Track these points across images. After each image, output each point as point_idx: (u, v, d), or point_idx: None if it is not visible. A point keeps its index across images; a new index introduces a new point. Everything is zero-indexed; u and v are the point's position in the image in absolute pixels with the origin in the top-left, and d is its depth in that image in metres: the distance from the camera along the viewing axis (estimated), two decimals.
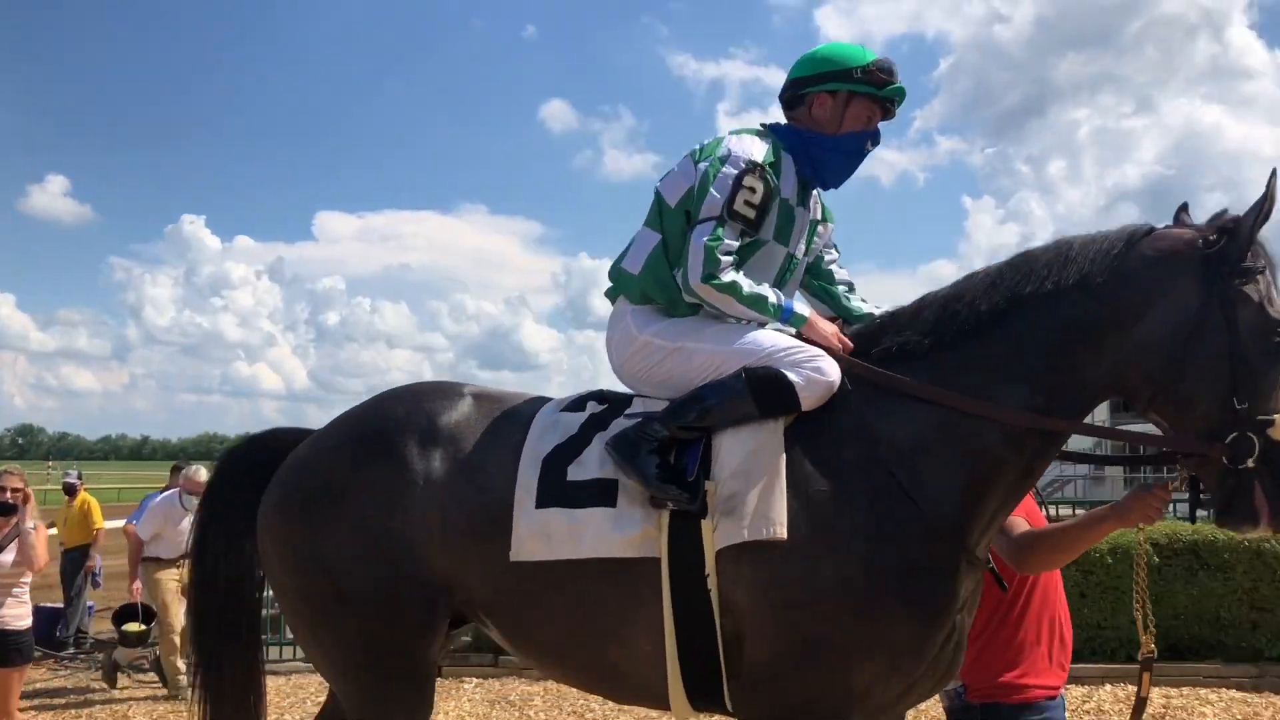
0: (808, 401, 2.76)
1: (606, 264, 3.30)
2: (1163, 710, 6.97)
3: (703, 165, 2.96)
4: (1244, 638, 7.98)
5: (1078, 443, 3.55)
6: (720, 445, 2.77)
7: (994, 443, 2.73)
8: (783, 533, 2.63)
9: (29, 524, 5.84)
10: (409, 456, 2.96)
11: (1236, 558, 7.96)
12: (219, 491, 3.42)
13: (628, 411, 2.98)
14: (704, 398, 2.82)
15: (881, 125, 3.17)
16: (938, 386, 2.76)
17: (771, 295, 2.90)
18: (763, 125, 3.13)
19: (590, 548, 2.77)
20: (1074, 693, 7.59)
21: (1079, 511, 10.83)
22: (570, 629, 2.85)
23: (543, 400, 3.17)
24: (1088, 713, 7.02)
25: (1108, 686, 7.71)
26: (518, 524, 2.83)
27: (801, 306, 2.96)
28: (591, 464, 2.85)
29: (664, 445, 2.77)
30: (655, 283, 3.01)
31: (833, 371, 2.79)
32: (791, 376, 2.76)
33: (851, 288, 3.42)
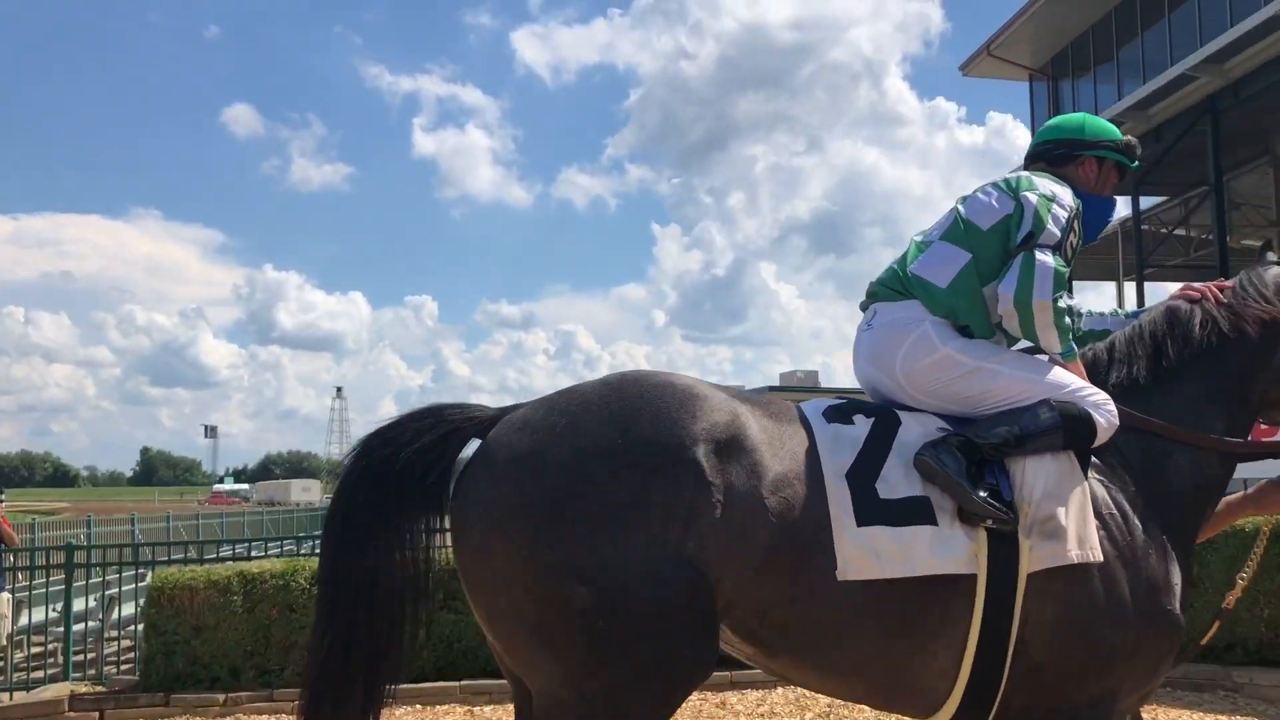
0: (1101, 440, 3.12)
1: (293, 276, 3.27)
2: (827, 710, 7.45)
3: (1029, 197, 3.22)
4: None
5: None
6: (1024, 469, 3.02)
7: (1218, 470, 3.32)
8: (1099, 555, 2.98)
9: None
10: (706, 471, 2.79)
11: None
12: (379, 485, 2.95)
13: (906, 428, 3.08)
14: (1018, 423, 3.04)
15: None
16: (1162, 421, 3.24)
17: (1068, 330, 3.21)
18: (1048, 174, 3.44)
19: (921, 565, 2.88)
20: (749, 696, 8.00)
21: None
22: (880, 645, 2.92)
23: (789, 404, 3.20)
24: (760, 716, 7.38)
25: (779, 690, 8.18)
26: (840, 543, 2.86)
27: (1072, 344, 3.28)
28: (898, 481, 2.95)
29: (974, 465, 2.96)
30: (965, 300, 3.20)
31: (1116, 416, 3.16)
32: (1096, 417, 3.10)
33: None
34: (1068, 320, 3.22)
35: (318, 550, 11.00)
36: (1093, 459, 3.14)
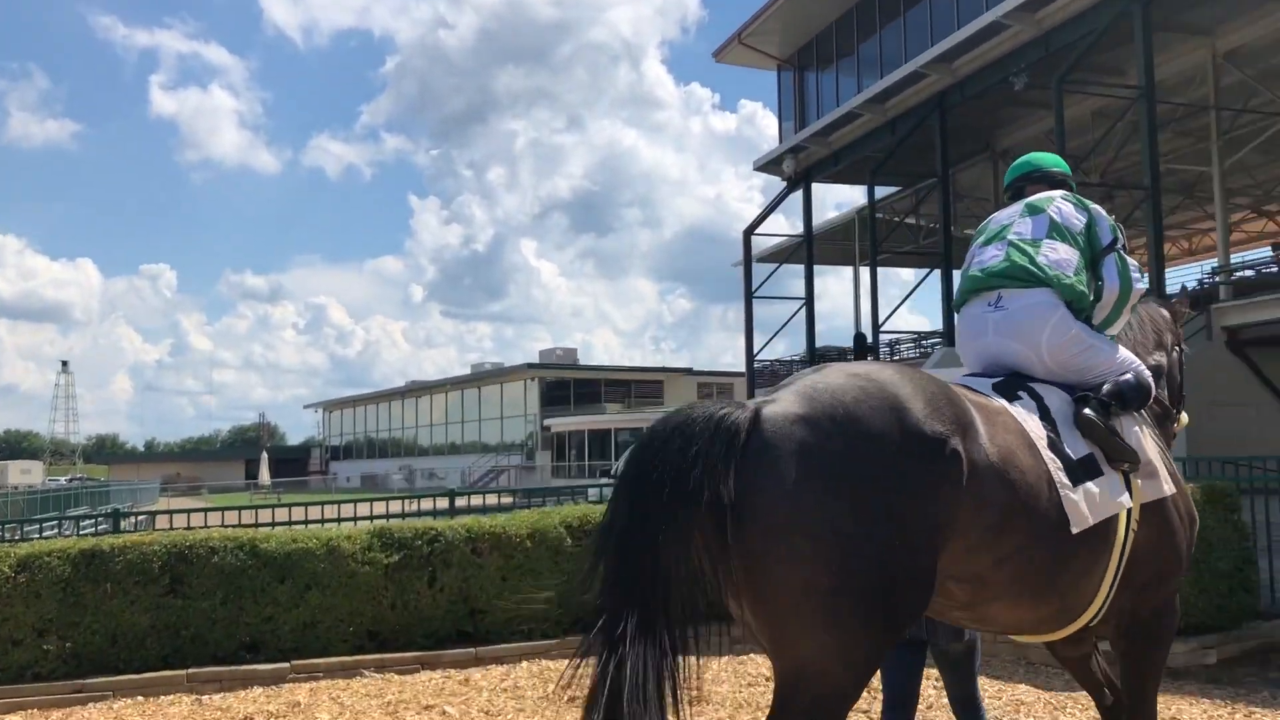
0: (1148, 403, 4.05)
1: (11, 240, 3.00)
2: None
3: (1099, 210, 4.17)
4: None
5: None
6: (1121, 423, 3.83)
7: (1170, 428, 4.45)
8: (1174, 489, 3.93)
9: None
10: (962, 453, 3.17)
11: None
12: (665, 487, 2.96)
13: (1048, 397, 3.75)
14: (1124, 392, 3.86)
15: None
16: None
17: None
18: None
19: (1110, 508, 3.60)
20: (494, 671, 7.98)
21: (504, 500, 11.26)
22: (1080, 576, 3.58)
23: (963, 380, 3.86)
24: (505, 691, 7.37)
25: (524, 663, 8.20)
26: (1067, 503, 3.46)
27: None
28: (1076, 443, 3.63)
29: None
30: (1080, 290, 3.95)
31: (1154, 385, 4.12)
32: (1151, 385, 4.03)
33: None
34: None
35: (35, 535, 10.18)
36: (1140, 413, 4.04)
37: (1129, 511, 3.69)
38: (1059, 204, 4.11)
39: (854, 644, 2.99)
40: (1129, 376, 3.89)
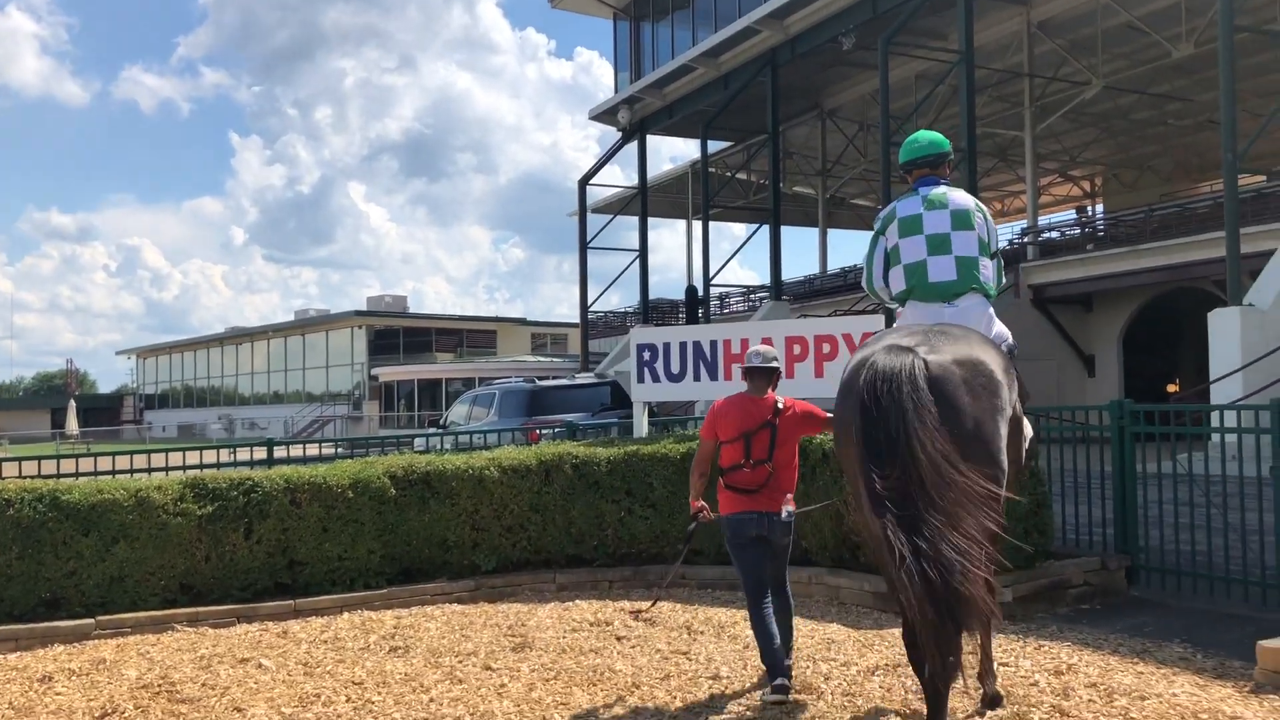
0: None
1: None
2: (393, 630, 7.45)
3: (988, 219, 5.70)
4: (465, 555, 8.85)
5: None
6: None
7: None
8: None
9: None
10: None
11: (461, 485, 8.79)
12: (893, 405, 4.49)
13: None
14: (1014, 349, 5.45)
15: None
16: None
17: None
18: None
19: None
20: (314, 623, 7.83)
21: (327, 450, 10.98)
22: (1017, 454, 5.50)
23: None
24: (324, 642, 7.24)
25: (345, 615, 8.06)
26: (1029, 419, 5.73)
27: None
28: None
29: None
30: (994, 293, 5.66)
31: None
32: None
33: None
34: None
35: None
36: None
37: None
38: (981, 219, 5.60)
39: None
40: (1011, 340, 5.54)
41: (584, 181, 32.41)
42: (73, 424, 58.78)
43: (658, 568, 8.77)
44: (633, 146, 31.95)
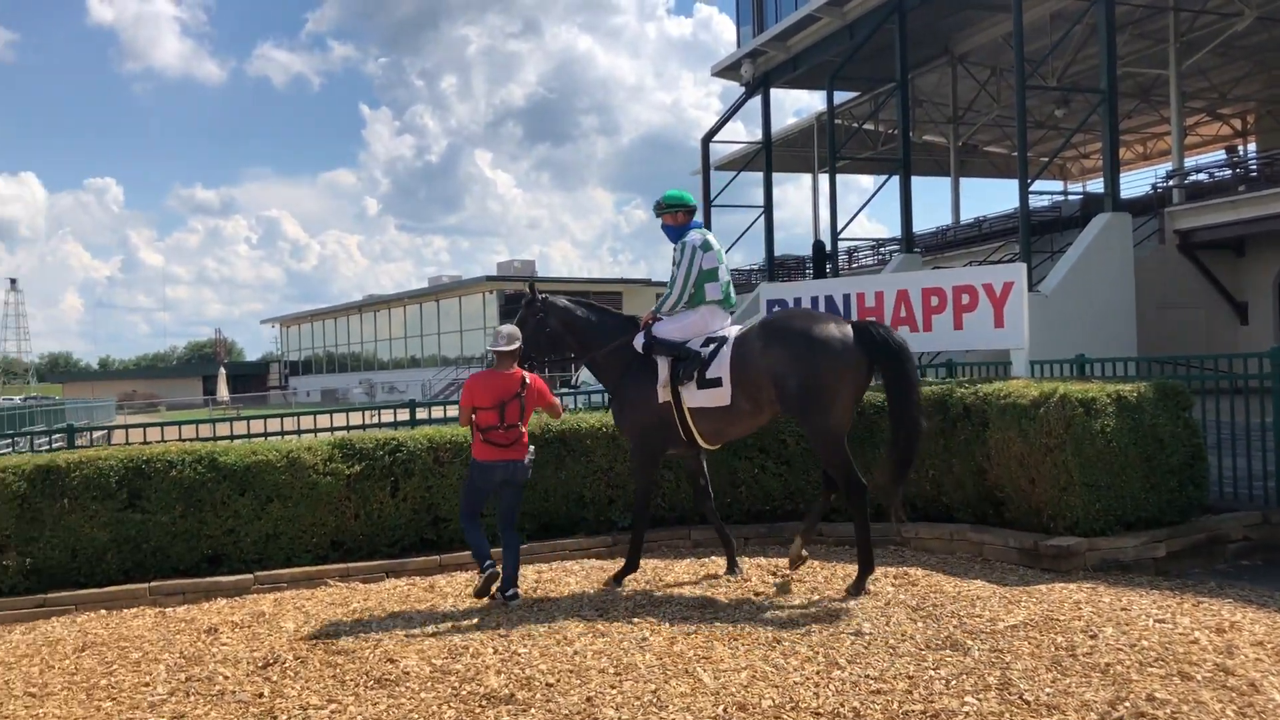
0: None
1: None
2: (535, 583, 7.59)
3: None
4: (602, 512, 8.96)
5: None
6: None
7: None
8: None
9: None
10: None
11: (596, 443, 8.88)
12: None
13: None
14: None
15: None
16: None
17: None
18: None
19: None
20: (458, 578, 8.03)
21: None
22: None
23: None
24: (470, 596, 7.43)
25: None
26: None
27: None
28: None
29: None
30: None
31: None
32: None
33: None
34: None
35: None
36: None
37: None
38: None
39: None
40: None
41: (707, 139, 32.13)
42: (223, 390, 61.47)
43: (792, 524, 8.72)
44: (755, 102, 31.53)
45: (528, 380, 7.28)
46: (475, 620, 6.60)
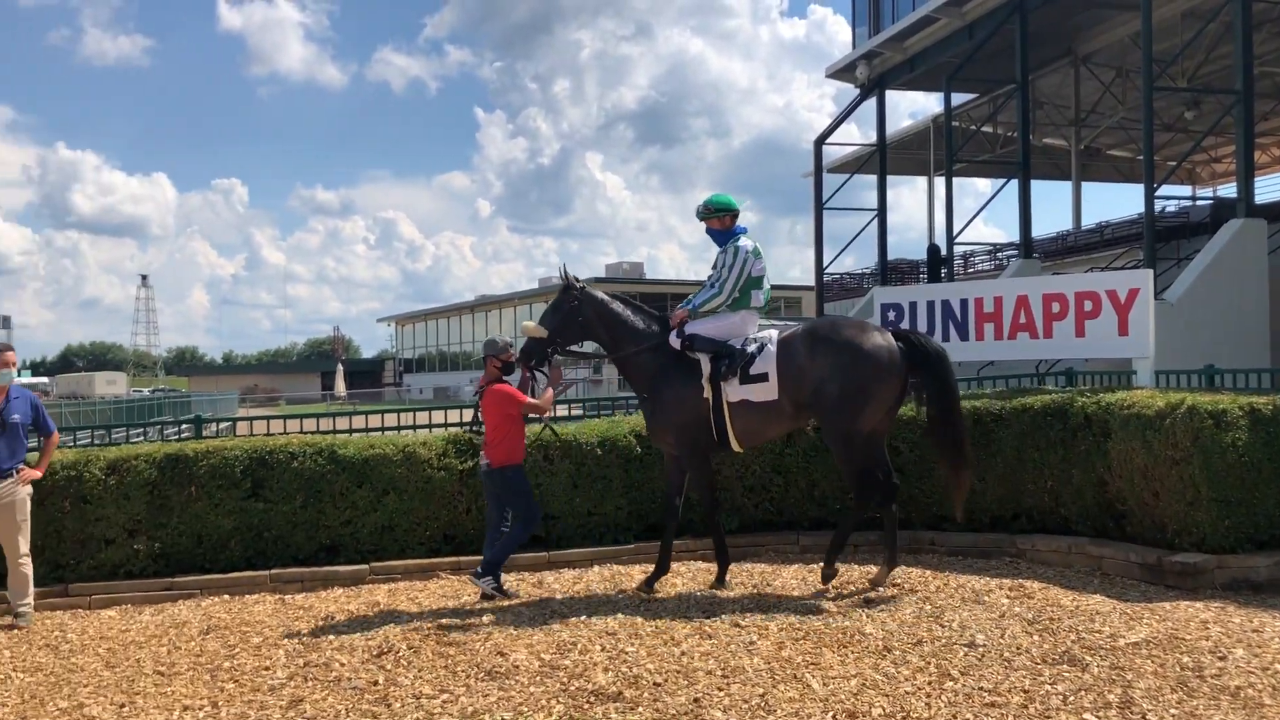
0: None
1: (90, 156, 3.11)
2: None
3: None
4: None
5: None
6: None
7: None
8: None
9: None
10: None
11: None
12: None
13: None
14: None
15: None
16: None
17: None
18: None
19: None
20: (566, 575, 8.12)
21: (574, 410, 11.31)
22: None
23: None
24: (577, 593, 7.49)
25: (595, 567, 8.32)
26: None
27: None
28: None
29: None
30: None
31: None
32: None
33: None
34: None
35: (122, 442, 10.46)
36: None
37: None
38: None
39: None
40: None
41: (819, 141, 31.83)
42: (340, 386, 63.08)
43: (904, 533, 8.58)
44: (869, 104, 31.14)
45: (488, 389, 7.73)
46: (583, 617, 6.64)
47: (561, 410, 10.00)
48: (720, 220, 7.85)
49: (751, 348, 7.41)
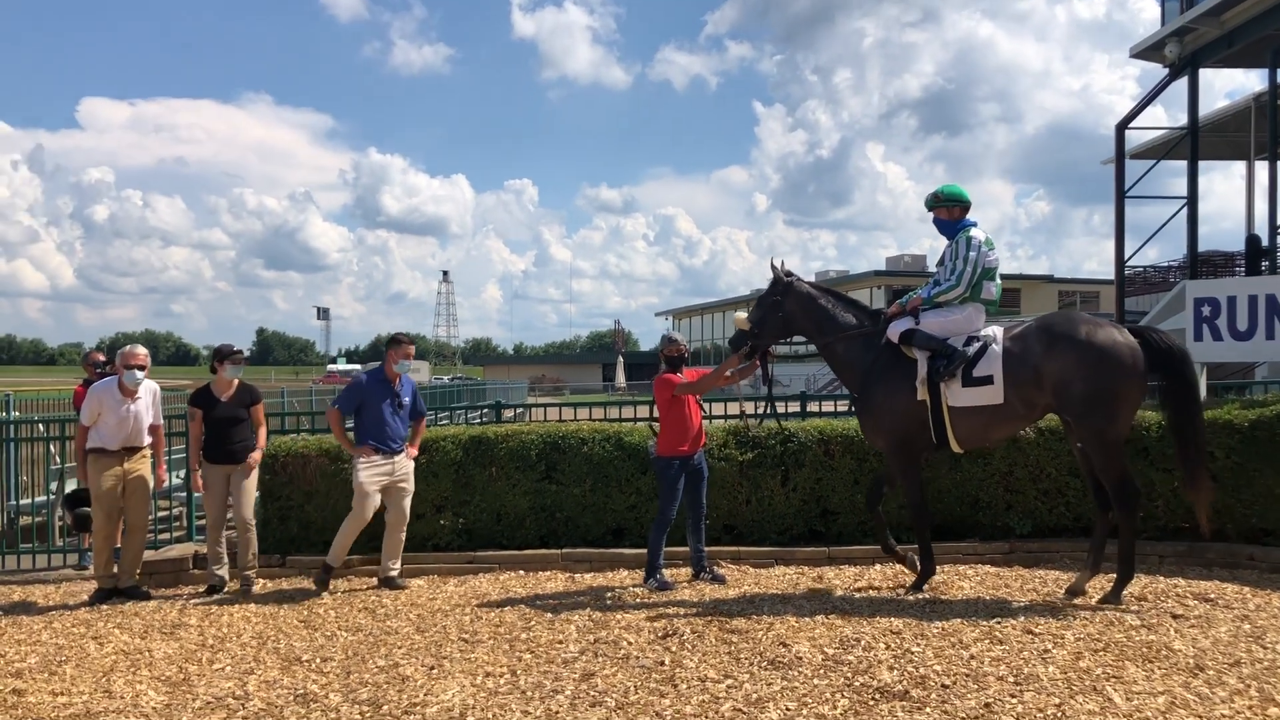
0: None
1: (397, 160, 3.39)
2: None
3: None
4: (998, 517, 8.60)
5: None
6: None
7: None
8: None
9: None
10: None
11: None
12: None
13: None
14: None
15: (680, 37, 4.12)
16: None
17: None
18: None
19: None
20: (846, 571, 8.05)
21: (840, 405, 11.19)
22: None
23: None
24: (858, 590, 7.41)
25: (877, 566, 8.20)
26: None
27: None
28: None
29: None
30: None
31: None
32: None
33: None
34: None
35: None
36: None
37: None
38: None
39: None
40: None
41: (1122, 125, 29.77)
42: (620, 378, 65.14)
43: (1219, 545, 7.94)
44: (1177, 85, 28.86)
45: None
46: (866, 614, 6.56)
47: (842, 406, 9.90)
48: (949, 210, 7.52)
49: (973, 347, 7.04)
